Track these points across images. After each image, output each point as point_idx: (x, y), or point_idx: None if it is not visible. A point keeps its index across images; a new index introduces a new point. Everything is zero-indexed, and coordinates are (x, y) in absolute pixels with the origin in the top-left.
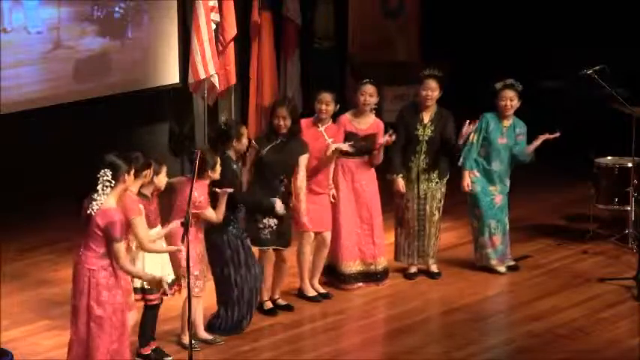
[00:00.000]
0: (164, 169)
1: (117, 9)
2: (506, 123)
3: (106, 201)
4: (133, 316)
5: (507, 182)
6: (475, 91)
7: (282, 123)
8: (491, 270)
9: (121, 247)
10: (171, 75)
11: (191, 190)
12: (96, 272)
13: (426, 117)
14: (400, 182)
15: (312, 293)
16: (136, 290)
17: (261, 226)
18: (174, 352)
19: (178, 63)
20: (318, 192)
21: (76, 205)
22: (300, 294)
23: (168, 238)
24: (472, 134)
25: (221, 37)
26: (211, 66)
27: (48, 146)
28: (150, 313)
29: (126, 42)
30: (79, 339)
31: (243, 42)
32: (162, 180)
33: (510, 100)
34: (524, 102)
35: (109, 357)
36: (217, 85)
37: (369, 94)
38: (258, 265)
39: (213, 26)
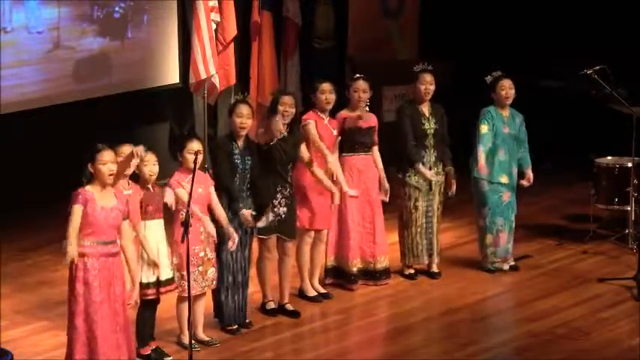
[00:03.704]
0: (149, 159)
1: (117, 9)
2: (506, 113)
3: None
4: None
5: (515, 175)
6: (475, 91)
7: (291, 110)
8: (491, 270)
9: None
10: (171, 75)
11: (191, 189)
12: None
13: (426, 111)
14: (425, 169)
15: (312, 293)
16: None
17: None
18: (174, 352)
19: (178, 63)
20: (320, 190)
21: None
22: (301, 294)
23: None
24: (482, 126)
25: (221, 37)
26: (212, 66)
27: (48, 146)
28: (147, 311)
29: (126, 42)
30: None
31: (243, 42)
32: (147, 169)
33: (510, 88)
34: (524, 101)
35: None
36: (218, 85)
37: (362, 90)
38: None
39: (214, 26)
